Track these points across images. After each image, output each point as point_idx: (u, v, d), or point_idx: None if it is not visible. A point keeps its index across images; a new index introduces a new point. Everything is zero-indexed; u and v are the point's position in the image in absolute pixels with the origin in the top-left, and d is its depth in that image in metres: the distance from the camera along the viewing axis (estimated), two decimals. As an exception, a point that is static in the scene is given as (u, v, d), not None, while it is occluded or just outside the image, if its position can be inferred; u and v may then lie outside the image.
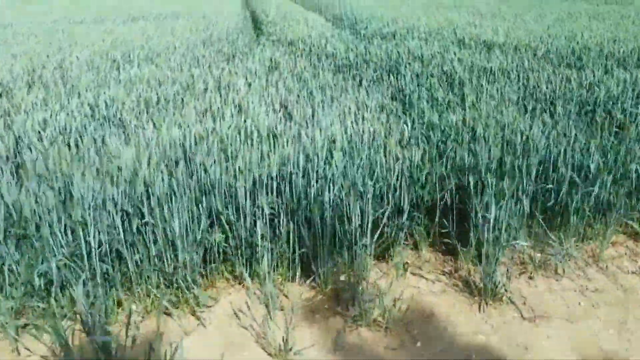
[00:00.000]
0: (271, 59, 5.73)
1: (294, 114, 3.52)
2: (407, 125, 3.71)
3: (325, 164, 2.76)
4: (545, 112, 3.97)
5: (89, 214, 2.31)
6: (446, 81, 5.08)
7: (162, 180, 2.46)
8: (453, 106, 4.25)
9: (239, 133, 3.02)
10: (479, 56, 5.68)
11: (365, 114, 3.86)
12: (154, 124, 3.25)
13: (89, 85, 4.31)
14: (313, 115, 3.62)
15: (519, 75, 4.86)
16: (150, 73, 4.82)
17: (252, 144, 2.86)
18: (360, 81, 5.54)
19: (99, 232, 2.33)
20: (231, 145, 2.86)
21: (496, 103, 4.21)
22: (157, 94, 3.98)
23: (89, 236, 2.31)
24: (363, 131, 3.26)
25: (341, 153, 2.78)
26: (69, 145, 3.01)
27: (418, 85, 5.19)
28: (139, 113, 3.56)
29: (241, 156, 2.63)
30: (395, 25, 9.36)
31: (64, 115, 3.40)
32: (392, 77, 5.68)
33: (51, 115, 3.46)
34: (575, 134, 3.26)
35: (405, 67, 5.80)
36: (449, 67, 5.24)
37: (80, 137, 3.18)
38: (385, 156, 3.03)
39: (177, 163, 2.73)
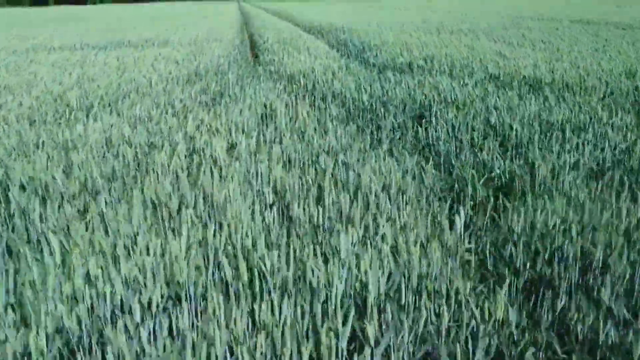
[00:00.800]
0: (265, 105, 4.51)
1: (294, 214, 2.27)
2: (459, 217, 2.47)
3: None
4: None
5: None
6: (495, 138, 3.84)
7: None
8: (521, 185, 3.01)
9: (199, 271, 1.77)
10: (531, 102, 4.45)
11: (400, 202, 2.61)
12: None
13: (3, 155, 3.07)
14: (323, 212, 2.37)
15: (595, 132, 3.62)
16: (99, 131, 3.59)
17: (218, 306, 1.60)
18: (379, 136, 4.31)
19: None
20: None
21: (581, 178, 2.97)
22: (90, 175, 2.74)
23: None
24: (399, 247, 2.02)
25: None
26: None
27: (456, 139, 3.96)
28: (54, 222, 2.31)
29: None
30: (410, 54, 8.18)
31: None
32: (419, 127, 4.46)
33: None
34: None
35: (436, 114, 4.57)
36: (496, 117, 4.01)
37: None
38: (455, 305, 1.78)
39: None
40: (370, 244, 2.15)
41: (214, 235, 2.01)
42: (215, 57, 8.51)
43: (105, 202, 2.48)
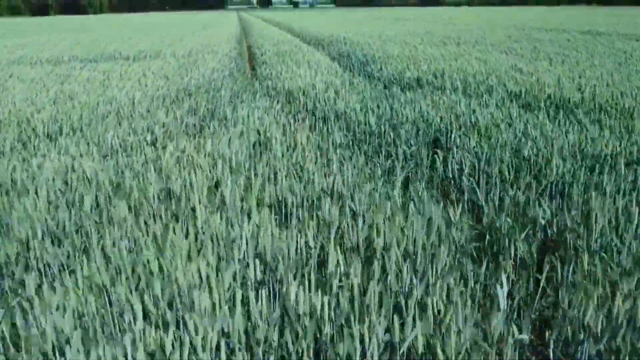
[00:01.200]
0: (259, 132, 3.91)
1: (289, 302, 1.66)
2: (500, 290, 1.88)
3: None
4: None
5: None
6: (529, 171, 3.24)
7: None
8: (573, 241, 2.41)
9: None
10: (564, 126, 3.86)
11: (429, 273, 2.01)
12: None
13: None
14: (329, 301, 1.77)
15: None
16: (58, 166, 2.99)
17: None
18: (391, 166, 3.72)
19: None
20: None
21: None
22: (34, 233, 2.14)
23: None
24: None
25: None
26: None
27: (480, 173, 3.37)
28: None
29: None
30: (418, 68, 7.61)
31: None
32: (436, 156, 3.87)
33: None
34: None
35: (455, 141, 3.98)
36: (530, 148, 3.41)
37: None
38: None
39: None
40: (398, 348, 1.55)
41: (173, 346, 1.41)
42: (209, 71, 7.94)
43: (42, 279, 1.88)
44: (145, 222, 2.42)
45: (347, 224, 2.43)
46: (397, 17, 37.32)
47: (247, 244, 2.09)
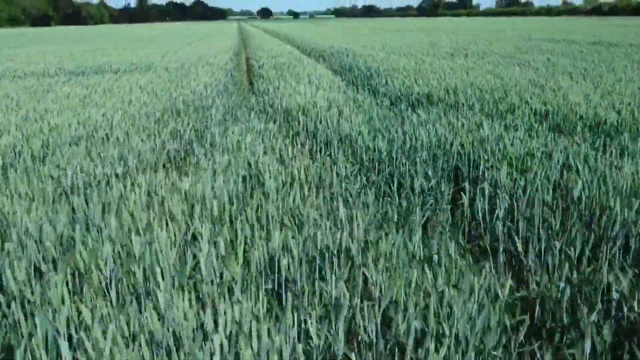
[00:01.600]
0: (249, 163, 3.30)
1: None
2: None
3: None
4: None
5: None
6: (580, 217, 2.64)
7: None
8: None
9: None
10: (611, 156, 3.26)
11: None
12: None
13: None
14: None
15: None
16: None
17: None
18: (408, 204, 3.10)
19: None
20: None
21: None
22: None
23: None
24: None
25: None
26: None
27: (514, 212, 2.76)
28: None
29: None
30: (427, 83, 7.02)
31: None
32: (459, 191, 3.26)
33: None
34: None
35: (482, 173, 3.38)
36: (581, 188, 2.80)
37: None
38: None
39: None
40: None
41: None
42: (202, 87, 7.36)
43: None
44: (91, 301, 1.81)
45: (359, 303, 1.83)
46: (398, 27, 36.90)
47: (221, 346, 1.48)
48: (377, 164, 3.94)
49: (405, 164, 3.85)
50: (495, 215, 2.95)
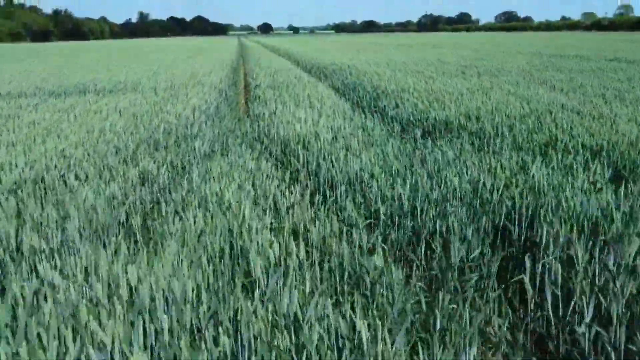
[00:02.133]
0: (231, 231, 2.45)
1: None
2: None
3: None
4: None
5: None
6: None
7: None
8: None
9: None
10: None
11: None
12: None
13: None
14: None
15: None
16: None
17: None
18: (442, 279, 2.25)
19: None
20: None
21: None
22: None
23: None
24: None
25: None
26: None
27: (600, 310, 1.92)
28: None
29: None
30: (444, 107, 6.20)
31: None
32: (509, 261, 2.42)
33: None
34: None
35: (545, 241, 2.53)
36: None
37: None
38: None
39: None
40: None
41: None
42: (189, 110, 6.55)
43: None
44: None
45: None
46: (400, 43, 36.23)
47: None
48: (396, 218, 3.09)
49: (433, 216, 3.01)
50: (571, 309, 2.11)
